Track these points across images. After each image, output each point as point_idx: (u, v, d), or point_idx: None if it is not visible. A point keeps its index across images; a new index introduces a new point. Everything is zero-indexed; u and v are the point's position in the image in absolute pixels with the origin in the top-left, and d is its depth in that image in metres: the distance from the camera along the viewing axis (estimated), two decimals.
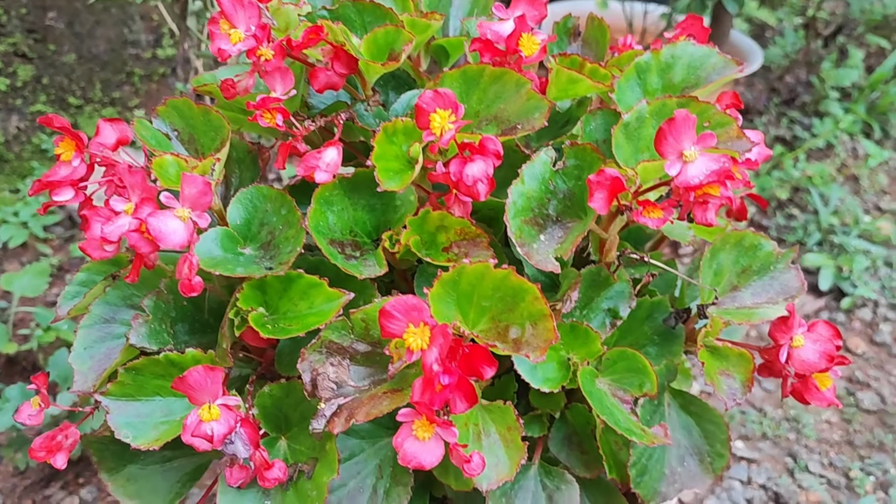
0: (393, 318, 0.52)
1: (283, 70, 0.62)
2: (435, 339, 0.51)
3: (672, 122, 0.51)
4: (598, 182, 0.53)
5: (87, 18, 1.83)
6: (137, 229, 0.53)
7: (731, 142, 0.59)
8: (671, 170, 0.52)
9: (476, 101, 0.64)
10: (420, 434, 0.53)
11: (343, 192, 0.63)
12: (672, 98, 0.61)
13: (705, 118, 0.60)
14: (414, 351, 0.51)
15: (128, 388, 0.61)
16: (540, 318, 0.55)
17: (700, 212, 0.55)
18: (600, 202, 0.54)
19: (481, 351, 0.54)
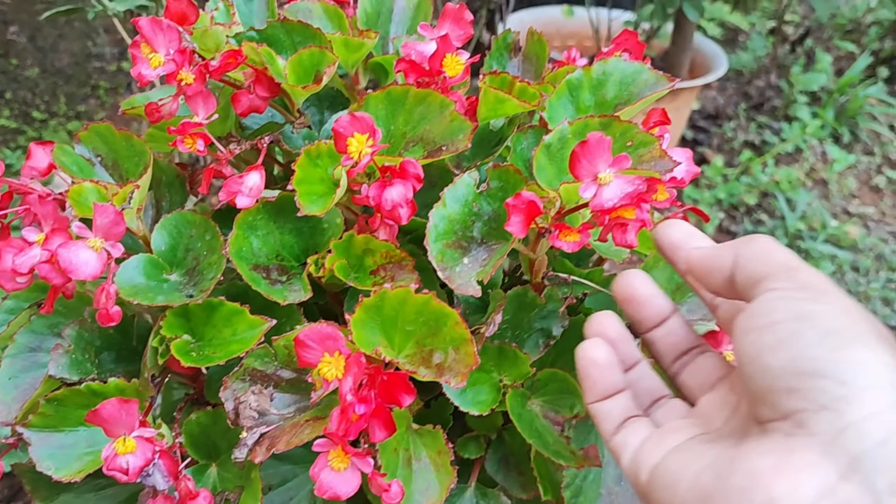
0: (308, 348, 0.51)
1: (205, 94, 0.61)
2: (349, 369, 0.50)
3: (585, 144, 0.51)
4: (514, 206, 0.53)
5: (49, 32, 1.82)
6: (48, 260, 0.53)
7: (653, 161, 0.59)
8: (586, 193, 0.51)
9: (402, 122, 0.64)
10: (335, 464, 0.52)
11: (268, 216, 0.63)
12: (594, 118, 0.61)
13: (627, 138, 0.60)
14: (330, 381, 0.51)
15: (50, 419, 0.60)
16: (461, 343, 0.55)
17: (619, 234, 0.54)
18: (517, 226, 0.53)
19: (399, 378, 0.53)
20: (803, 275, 0.41)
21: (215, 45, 0.68)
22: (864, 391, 0.36)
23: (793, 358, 0.38)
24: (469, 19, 0.66)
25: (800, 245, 1.88)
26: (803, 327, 0.39)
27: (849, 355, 0.37)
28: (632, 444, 0.47)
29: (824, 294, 0.40)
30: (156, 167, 0.69)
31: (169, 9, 0.61)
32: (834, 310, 0.39)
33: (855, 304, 0.41)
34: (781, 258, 0.43)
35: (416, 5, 0.82)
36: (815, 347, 0.38)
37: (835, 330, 0.38)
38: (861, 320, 0.39)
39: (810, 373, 0.37)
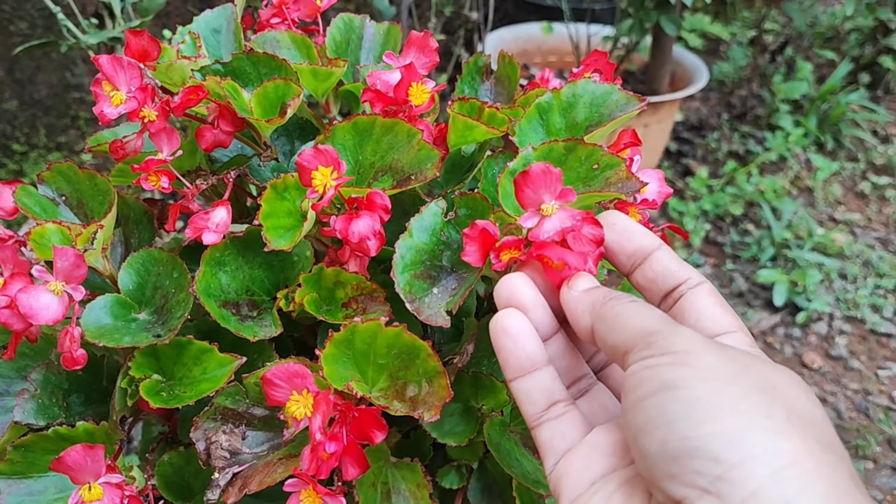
0: (276, 386, 0.51)
1: (169, 131, 0.60)
2: (318, 407, 0.50)
3: (526, 174, 0.49)
4: (469, 235, 0.52)
5: (27, 64, 1.81)
6: (8, 306, 0.51)
7: (620, 182, 0.58)
8: (527, 223, 0.50)
9: (370, 151, 0.63)
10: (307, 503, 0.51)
11: (236, 251, 0.62)
12: (559, 142, 0.60)
13: (594, 160, 0.59)
14: (299, 419, 0.50)
15: (18, 465, 0.59)
16: (434, 376, 0.55)
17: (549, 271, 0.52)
18: (474, 255, 0.52)
19: (371, 415, 0.53)
20: (664, 338, 0.38)
21: (181, 79, 0.67)
22: (739, 466, 0.33)
23: (664, 440, 0.35)
24: (434, 47, 0.65)
25: (787, 254, 1.88)
26: (667, 400, 0.36)
27: (716, 427, 0.34)
28: (556, 449, 0.45)
29: (687, 356, 0.37)
30: (123, 204, 0.68)
31: (130, 46, 0.60)
32: (697, 373, 0.36)
33: (726, 355, 0.37)
34: (636, 324, 0.40)
35: (385, 32, 0.81)
36: (682, 423, 0.35)
37: (698, 398, 0.35)
38: (728, 379, 0.36)
39: (684, 455, 0.34)
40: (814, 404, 0.38)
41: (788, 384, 0.38)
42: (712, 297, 0.45)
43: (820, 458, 0.34)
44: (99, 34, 1.19)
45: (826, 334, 1.71)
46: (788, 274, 1.81)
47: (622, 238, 0.48)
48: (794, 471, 0.33)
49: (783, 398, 0.36)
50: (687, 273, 0.46)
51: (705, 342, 0.38)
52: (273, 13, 0.76)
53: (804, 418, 0.36)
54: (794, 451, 0.34)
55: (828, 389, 1.57)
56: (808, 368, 1.62)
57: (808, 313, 1.72)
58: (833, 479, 0.33)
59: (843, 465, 0.35)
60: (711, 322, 0.44)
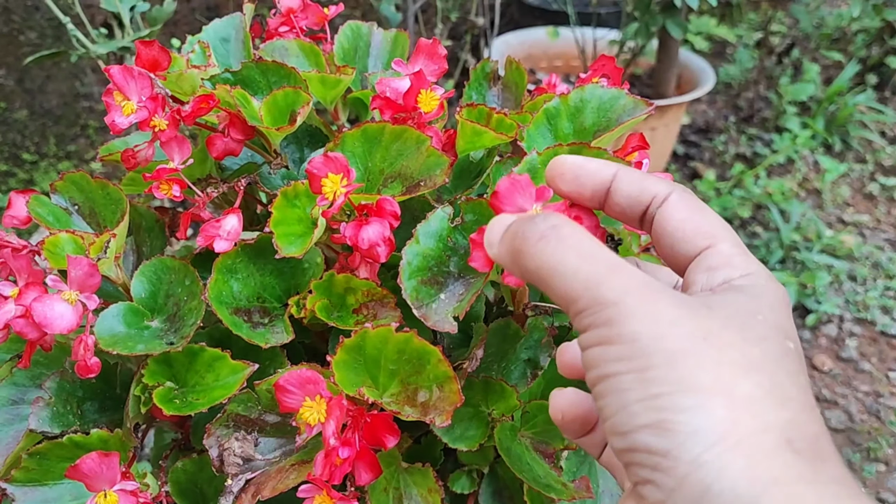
0: (288, 393, 0.51)
1: (179, 139, 0.61)
2: (331, 412, 0.50)
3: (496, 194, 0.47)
4: (476, 241, 0.52)
5: (37, 74, 1.83)
6: (23, 315, 0.52)
7: None
8: None
9: (380, 159, 0.64)
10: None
11: (248, 259, 0.62)
12: (563, 146, 0.61)
13: None
14: (312, 425, 0.50)
15: (33, 473, 0.59)
16: (445, 381, 0.55)
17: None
18: (480, 261, 0.52)
19: (383, 420, 0.53)
20: (588, 308, 0.35)
21: (191, 89, 0.68)
22: (669, 454, 0.32)
23: (612, 433, 0.34)
24: (442, 54, 0.66)
25: (796, 256, 1.88)
26: (606, 391, 0.34)
27: (646, 418, 0.33)
28: None
29: (609, 328, 0.34)
30: (135, 213, 0.68)
31: (140, 56, 0.61)
32: (622, 351, 0.34)
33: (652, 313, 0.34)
34: (560, 287, 0.36)
35: (393, 39, 0.82)
36: (620, 416, 0.34)
37: (628, 387, 0.33)
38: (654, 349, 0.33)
39: (626, 448, 0.34)
40: (755, 339, 0.34)
41: (721, 327, 0.34)
42: (682, 208, 0.40)
43: (745, 425, 0.32)
44: (108, 44, 1.20)
45: (836, 336, 1.70)
46: (798, 276, 1.80)
47: (577, 183, 0.43)
48: (713, 451, 0.31)
49: (711, 349, 0.33)
50: (652, 189, 0.41)
51: (627, 302, 0.34)
52: (281, 21, 0.76)
53: (737, 366, 0.33)
54: (714, 426, 0.32)
55: (839, 392, 1.57)
56: (818, 371, 1.61)
57: (817, 315, 1.72)
58: (757, 447, 0.32)
59: (779, 418, 0.32)
60: (686, 241, 0.39)
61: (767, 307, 0.36)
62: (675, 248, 0.40)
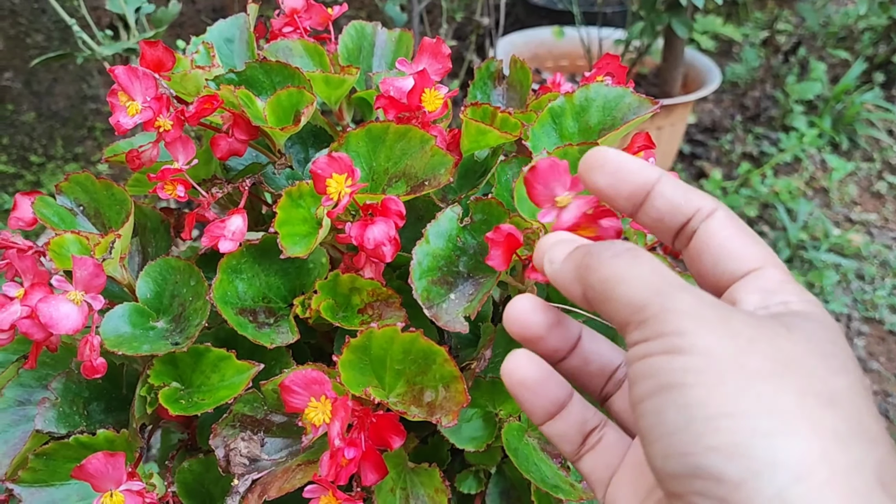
0: (294, 393, 0.51)
1: (184, 140, 0.61)
2: (337, 413, 0.50)
3: (534, 170, 0.49)
4: (493, 239, 0.52)
5: (44, 77, 1.83)
6: (29, 316, 0.52)
7: None
8: (545, 218, 0.50)
9: (384, 158, 0.63)
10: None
11: (252, 259, 0.62)
12: (573, 146, 0.61)
13: None
14: (318, 426, 0.50)
15: (40, 473, 0.59)
16: (451, 381, 0.55)
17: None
18: (498, 259, 0.52)
19: (389, 420, 0.53)
20: (655, 317, 0.33)
21: (195, 89, 0.68)
22: (742, 486, 0.29)
23: (665, 455, 0.31)
24: (447, 53, 0.65)
25: (803, 255, 1.87)
26: (662, 406, 0.31)
27: (715, 440, 0.30)
28: (601, 480, 0.42)
29: (682, 339, 0.32)
30: (140, 213, 0.69)
31: (145, 56, 0.61)
32: (693, 363, 0.31)
33: (728, 330, 0.32)
34: (625, 295, 0.34)
35: (397, 39, 0.82)
36: (680, 435, 0.31)
37: (694, 402, 0.30)
38: (728, 367, 0.31)
39: (685, 473, 0.30)
40: (837, 370, 0.32)
41: (804, 353, 0.32)
42: (729, 226, 0.38)
43: (836, 461, 0.29)
44: (114, 45, 1.20)
45: (844, 335, 1.70)
46: (805, 275, 1.80)
47: (616, 179, 0.40)
48: (801, 487, 0.29)
49: (795, 375, 0.31)
50: (697, 202, 0.38)
51: (702, 314, 0.32)
52: (285, 22, 0.76)
53: (822, 397, 0.31)
54: (802, 458, 0.29)
55: None
56: None
57: None
58: (850, 486, 0.29)
59: (869, 457, 0.30)
60: (732, 259, 0.37)
61: (840, 337, 0.34)
62: (720, 266, 0.37)
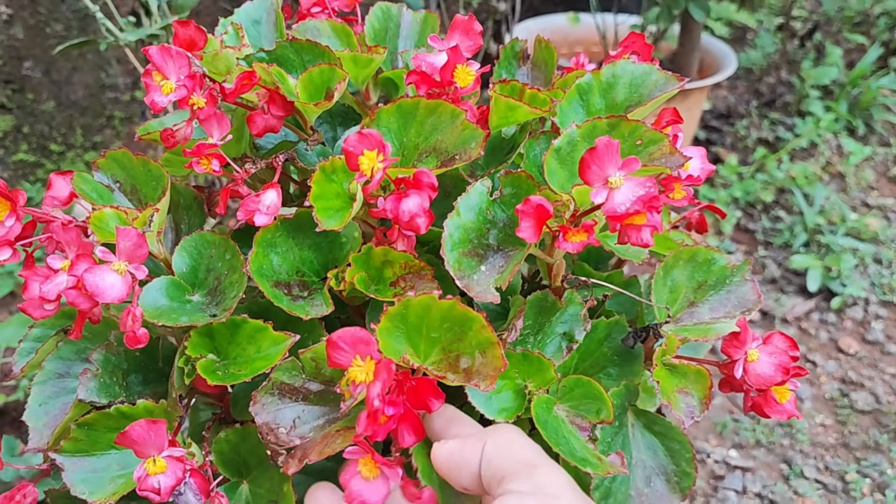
0: (339, 349, 0.51)
1: (219, 116, 0.62)
2: (379, 374, 0.50)
3: (594, 150, 0.51)
4: (524, 211, 0.53)
5: (63, 66, 1.85)
6: (75, 286, 0.53)
7: (664, 157, 0.59)
8: (597, 198, 0.52)
9: (414, 133, 0.64)
10: (365, 472, 0.52)
11: (287, 234, 0.63)
12: (602, 119, 0.61)
13: (637, 136, 0.60)
14: (359, 384, 0.50)
15: (81, 443, 0.60)
16: (488, 347, 0.55)
17: (634, 234, 0.54)
18: (528, 231, 0.53)
19: (428, 384, 0.53)
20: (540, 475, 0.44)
21: (226, 68, 0.69)
22: None
23: None
24: (478, 30, 0.66)
25: (820, 240, 1.87)
26: None
27: None
28: None
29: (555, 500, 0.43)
30: (173, 191, 0.70)
31: (178, 36, 0.62)
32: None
33: None
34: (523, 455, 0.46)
35: (422, 20, 0.82)
36: None
37: None
38: None
39: None
40: None
41: None
42: None
43: None
44: (136, 32, 1.21)
45: (862, 319, 1.69)
46: (822, 259, 1.80)
47: None
48: None
49: None
50: None
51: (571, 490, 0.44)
52: (313, 3, 0.77)
53: None
54: None
55: (865, 374, 1.56)
56: (844, 353, 1.61)
57: (843, 298, 1.71)
58: None
59: None
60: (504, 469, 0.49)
61: None
62: None
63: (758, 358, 0.62)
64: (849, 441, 1.41)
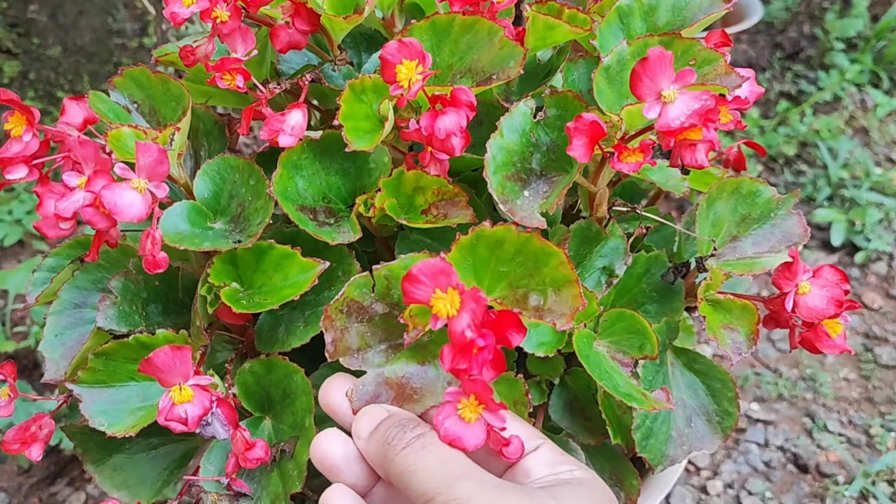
0: (419, 283, 0.46)
1: (244, 30, 0.58)
2: (465, 305, 0.46)
3: (645, 61, 0.47)
4: (576, 129, 0.50)
5: (69, 9, 1.80)
6: (92, 204, 0.50)
7: (718, 78, 0.55)
8: (650, 113, 0.48)
9: (448, 53, 0.61)
10: (466, 414, 0.48)
11: (313, 156, 0.60)
12: (654, 36, 0.58)
13: (690, 55, 0.56)
14: (441, 317, 0.46)
15: (99, 374, 0.58)
16: (564, 285, 0.50)
17: (689, 154, 0.51)
18: (580, 150, 0.50)
19: (511, 317, 0.48)
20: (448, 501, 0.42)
21: None
22: None
23: None
24: None
25: (844, 194, 1.83)
26: None
27: None
28: None
29: None
30: (193, 116, 0.66)
31: None
32: None
33: None
34: (419, 485, 0.43)
35: None
36: None
37: None
38: None
39: None
40: None
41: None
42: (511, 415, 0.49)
43: None
44: None
45: (886, 274, 1.66)
46: (847, 213, 1.76)
47: None
48: None
49: None
50: None
51: (482, 498, 0.41)
52: None
53: None
54: None
55: (889, 329, 1.53)
56: (868, 308, 1.57)
57: (867, 253, 1.68)
58: None
59: None
60: None
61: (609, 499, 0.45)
62: None
63: (809, 290, 0.59)
64: (873, 395, 1.39)
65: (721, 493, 1.22)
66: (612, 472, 0.68)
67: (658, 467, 0.65)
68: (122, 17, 1.88)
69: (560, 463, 0.46)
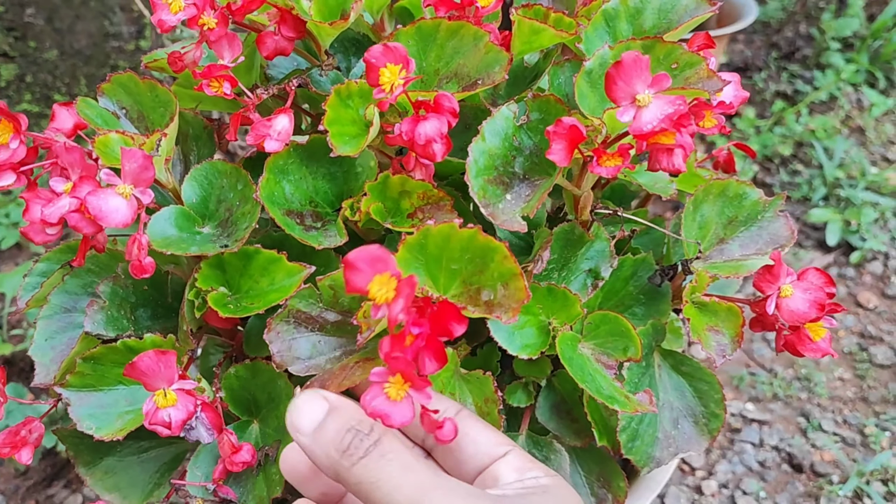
0: (357, 270, 0.47)
1: (230, 37, 0.59)
2: (401, 290, 0.46)
3: (620, 64, 0.47)
4: (555, 132, 0.50)
5: (66, 13, 1.80)
6: (78, 209, 0.51)
7: (701, 82, 0.56)
8: (624, 117, 0.48)
9: (434, 58, 0.61)
10: (392, 392, 0.48)
11: (300, 161, 0.60)
12: (636, 40, 0.58)
13: (672, 59, 0.57)
14: (380, 305, 0.47)
15: (88, 378, 0.58)
16: (511, 278, 0.52)
17: (666, 158, 0.51)
18: (560, 154, 0.50)
19: (450, 308, 0.50)
20: None
21: None
22: None
23: None
24: None
25: (839, 194, 1.83)
26: None
27: None
28: None
29: None
30: (182, 120, 0.67)
31: None
32: None
33: None
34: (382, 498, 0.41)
35: None
36: None
37: None
38: None
39: None
40: None
41: None
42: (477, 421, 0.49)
43: None
44: None
45: (881, 274, 1.66)
46: (842, 213, 1.76)
47: None
48: None
49: None
50: None
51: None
52: None
53: None
54: None
55: (884, 329, 1.53)
56: (863, 308, 1.58)
57: (862, 252, 1.68)
58: None
59: None
60: (488, 446, 0.48)
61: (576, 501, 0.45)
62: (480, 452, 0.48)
63: (791, 294, 0.59)
64: (867, 395, 1.39)
65: (716, 492, 1.22)
66: (600, 473, 0.68)
67: (644, 469, 0.65)
68: (118, 21, 1.88)
69: (528, 469, 0.46)
